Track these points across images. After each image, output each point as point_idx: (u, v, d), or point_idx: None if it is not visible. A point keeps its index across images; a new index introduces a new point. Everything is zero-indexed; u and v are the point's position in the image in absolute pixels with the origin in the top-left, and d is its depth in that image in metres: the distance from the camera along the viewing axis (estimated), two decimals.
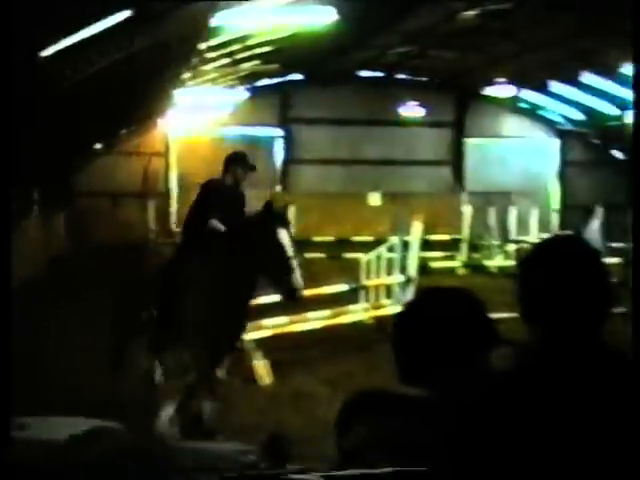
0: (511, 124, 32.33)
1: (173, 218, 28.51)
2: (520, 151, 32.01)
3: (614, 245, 19.45)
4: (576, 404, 1.86)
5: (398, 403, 2.03)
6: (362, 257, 15.86)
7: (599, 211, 22.06)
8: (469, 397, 1.93)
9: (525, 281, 2.04)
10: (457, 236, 24.13)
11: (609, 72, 25.18)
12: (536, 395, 1.87)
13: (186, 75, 21.41)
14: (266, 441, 3.28)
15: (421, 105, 29.55)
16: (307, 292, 8.09)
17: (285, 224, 7.40)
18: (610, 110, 28.79)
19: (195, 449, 3.70)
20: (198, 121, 26.73)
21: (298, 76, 29.87)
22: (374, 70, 29.85)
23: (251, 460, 3.31)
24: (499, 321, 3.61)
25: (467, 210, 25.02)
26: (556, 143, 32.61)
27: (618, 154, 31.69)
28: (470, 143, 32.17)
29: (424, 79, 30.72)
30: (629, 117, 27.17)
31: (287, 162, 30.63)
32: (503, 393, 1.91)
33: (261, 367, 10.45)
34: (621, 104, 27.97)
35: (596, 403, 1.86)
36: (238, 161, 8.38)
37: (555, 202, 31.53)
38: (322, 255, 21.90)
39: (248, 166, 8.39)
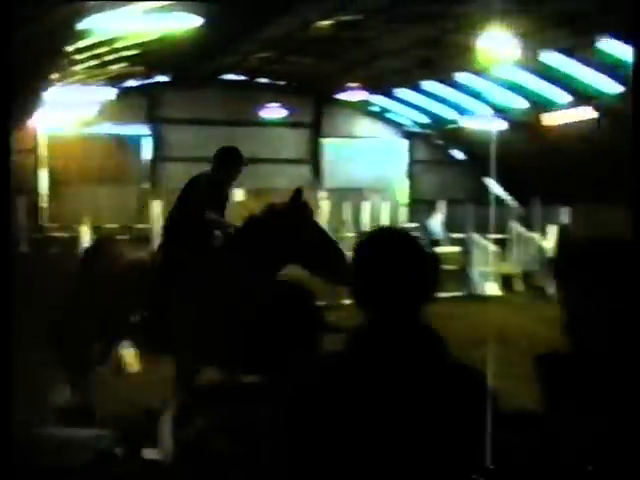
0: (364, 126, 32.92)
1: (44, 214, 27.58)
2: (372, 151, 32.64)
3: (455, 236, 20.11)
4: (395, 382, 1.92)
5: (234, 391, 2.04)
6: None
7: (442, 205, 22.80)
8: (300, 379, 1.96)
9: (355, 269, 2.09)
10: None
11: (448, 80, 26.04)
12: (359, 374, 1.92)
13: (55, 75, 20.69)
14: (126, 425, 3.23)
15: (282, 107, 29.67)
16: None
17: (311, 211, 6.50)
18: (450, 114, 29.76)
19: (54, 436, 3.59)
20: (67, 119, 25.90)
21: (165, 78, 29.41)
22: (237, 74, 29.75)
23: (107, 445, 3.24)
24: (348, 307, 3.67)
25: (324, 205, 25.30)
26: (404, 143, 33.43)
27: (458, 154, 32.81)
28: (327, 143, 32.54)
29: (284, 83, 30.85)
30: (465, 121, 28.19)
31: (155, 160, 30.15)
32: (330, 374, 1.96)
33: (129, 355, 10.23)
34: (459, 109, 28.98)
35: (413, 381, 1.93)
36: (233, 157, 7.12)
37: (403, 197, 32.34)
38: None
39: (243, 162, 7.16)
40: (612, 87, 22.88)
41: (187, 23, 14.66)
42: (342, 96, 28.38)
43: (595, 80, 22.94)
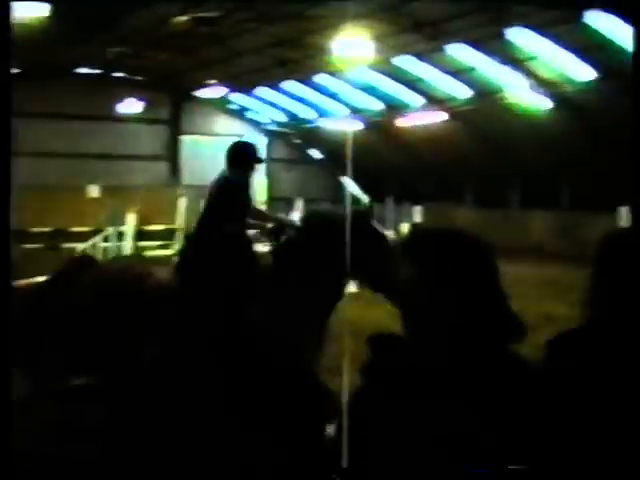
0: (222, 123, 32.72)
1: None
2: None
3: None
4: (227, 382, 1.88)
5: (66, 393, 1.94)
6: (79, 247, 15.28)
7: (299, 203, 23.01)
8: (130, 383, 1.90)
9: (179, 267, 2.04)
10: (173, 226, 23.96)
11: (306, 80, 26.26)
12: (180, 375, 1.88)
13: None
14: None
15: (139, 102, 29.03)
16: (22, 282, 7.37)
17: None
18: (308, 114, 30.05)
19: None
20: None
21: (14, 70, 28.13)
22: (92, 67, 28.84)
23: None
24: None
25: (182, 202, 24.97)
26: (263, 142, 33.45)
27: (315, 154, 33.17)
28: (185, 140, 32.12)
29: (142, 78, 30.18)
30: (323, 121, 28.54)
31: None
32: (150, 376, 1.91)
33: None
34: (317, 109, 29.30)
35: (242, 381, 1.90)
36: (253, 153, 6.36)
37: (262, 195, 32.34)
38: (40, 246, 20.79)
39: (260, 160, 6.43)
40: (462, 91, 23.77)
41: (34, 12, 14.04)
42: (200, 93, 28.10)
43: (446, 84, 23.75)
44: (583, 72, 19.94)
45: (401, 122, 26.13)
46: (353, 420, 1.94)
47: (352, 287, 17.63)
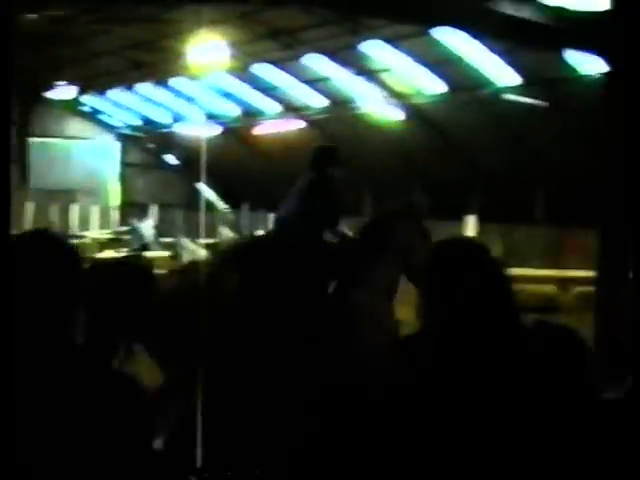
0: (75, 126, 31.65)
1: None
2: (83, 151, 31.49)
3: (165, 240, 20.01)
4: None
5: None
6: None
7: (153, 209, 22.66)
8: None
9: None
10: (19, 232, 22.99)
11: (162, 83, 25.87)
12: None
13: None
14: None
15: None
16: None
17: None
18: (163, 118, 29.59)
19: None
20: None
21: None
22: None
23: None
24: None
25: (29, 206, 24.07)
26: (116, 146, 32.65)
27: (170, 159, 32.66)
28: (34, 142, 30.83)
29: None
30: (178, 126, 28.21)
31: None
32: None
33: None
34: (173, 113, 28.91)
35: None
36: (330, 157, 6.71)
37: (115, 200, 31.56)
38: None
39: (337, 162, 6.70)
40: (317, 100, 24.08)
41: None
42: (51, 94, 27.08)
43: (302, 93, 23.99)
44: (433, 85, 20.66)
45: (258, 129, 26.19)
46: None
47: None
